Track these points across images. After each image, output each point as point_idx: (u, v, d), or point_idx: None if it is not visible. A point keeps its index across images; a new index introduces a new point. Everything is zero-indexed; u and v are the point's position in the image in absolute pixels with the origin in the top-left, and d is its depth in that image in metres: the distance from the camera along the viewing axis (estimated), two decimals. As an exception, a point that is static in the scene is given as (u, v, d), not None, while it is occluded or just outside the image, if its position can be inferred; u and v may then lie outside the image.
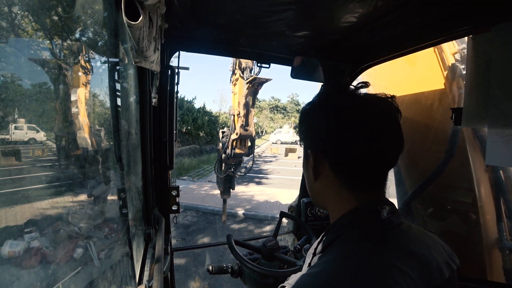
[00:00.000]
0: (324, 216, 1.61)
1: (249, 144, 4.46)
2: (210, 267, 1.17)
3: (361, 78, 1.49)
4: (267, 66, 1.41)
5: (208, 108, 22.87)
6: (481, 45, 0.91)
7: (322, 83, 1.52)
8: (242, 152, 4.43)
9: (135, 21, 0.51)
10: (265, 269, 1.05)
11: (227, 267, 1.18)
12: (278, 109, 44.92)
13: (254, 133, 4.40)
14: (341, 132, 0.47)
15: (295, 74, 1.44)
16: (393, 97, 0.49)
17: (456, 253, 0.52)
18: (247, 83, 4.02)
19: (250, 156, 4.54)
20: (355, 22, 0.98)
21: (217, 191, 7.84)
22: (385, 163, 0.49)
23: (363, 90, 0.52)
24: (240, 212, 6.80)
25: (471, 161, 1.35)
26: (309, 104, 0.55)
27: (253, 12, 0.93)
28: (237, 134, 4.24)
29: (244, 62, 4.14)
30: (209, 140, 20.25)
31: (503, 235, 1.31)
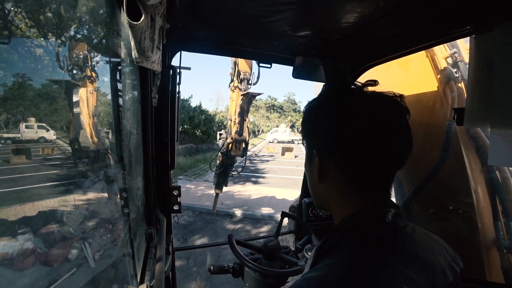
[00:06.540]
0: (326, 216, 1.60)
1: (243, 146, 4.94)
2: (211, 267, 1.17)
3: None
4: (269, 66, 1.40)
5: (204, 107, 23.03)
6: (483, 45, 0.90)
7: (324, 83, 1.52)
8: (236, 154, 4.95)
9: (137, 21, 0.51)
10: (266, 269, 1.05)
11: (228, 267, 1.18)
12: (275, 108, 45.04)
13: (247, 138, 4.89)
14: (349, 131, 0.45)
15: (296, 74, 1.44)
16: (401, 96, 0.47)
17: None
18: (241, 94, 4.41)
19: (244, 157, 5.09)
20: (357, 22, 0.97)
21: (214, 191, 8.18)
22: (394, 164, 0.47)
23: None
24: (237, 211, 6.75)
25: (466, 162, 1.35)
26: (314, 101, 0.53)
27: (254, 12, 0.93)
28: (232, 139, 4.74)
29: (243, 73, 4.44)
30: (205, 139, 20.24)
31: (500, 234, 1.32)
